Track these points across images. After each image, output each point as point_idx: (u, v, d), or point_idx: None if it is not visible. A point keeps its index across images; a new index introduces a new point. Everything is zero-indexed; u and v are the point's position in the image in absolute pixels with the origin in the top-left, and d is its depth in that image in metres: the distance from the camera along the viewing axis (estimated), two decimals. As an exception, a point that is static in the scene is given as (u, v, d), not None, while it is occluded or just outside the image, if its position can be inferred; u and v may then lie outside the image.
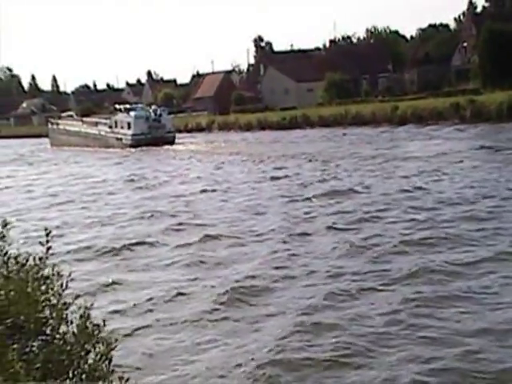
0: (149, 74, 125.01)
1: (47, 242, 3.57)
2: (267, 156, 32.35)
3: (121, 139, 51.09)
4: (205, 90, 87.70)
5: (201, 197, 20.08)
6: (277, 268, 10.81)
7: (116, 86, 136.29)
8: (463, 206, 14.69)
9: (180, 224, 15.40)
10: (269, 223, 14.70)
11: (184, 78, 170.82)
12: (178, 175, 27.21)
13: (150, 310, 9.23)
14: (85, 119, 60.66)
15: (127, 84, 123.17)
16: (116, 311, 9.20)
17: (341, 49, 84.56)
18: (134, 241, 13.80)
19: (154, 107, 53.81)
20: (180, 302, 9.51)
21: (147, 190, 23.20)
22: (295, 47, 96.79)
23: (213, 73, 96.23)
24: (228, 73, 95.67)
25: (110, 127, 52.87)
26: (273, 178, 23.54)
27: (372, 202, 16.36)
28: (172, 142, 49.13)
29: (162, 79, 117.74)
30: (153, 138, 48.88)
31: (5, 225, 3.57)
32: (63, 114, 72.08)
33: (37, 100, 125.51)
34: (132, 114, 50.69)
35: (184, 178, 26.12)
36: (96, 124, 56.46)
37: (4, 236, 3.53)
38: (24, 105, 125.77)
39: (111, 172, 31.48)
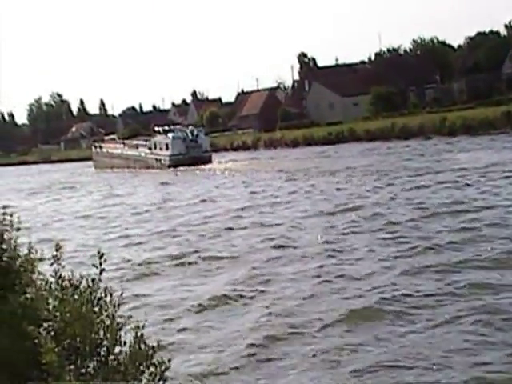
0: (194, 94, 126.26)
1: (100, 264, 3.65)
2: (308, 172, 32.81)
3: (160, 160, 53.06)
4: (250, 108, 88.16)
5: (229, 216, 20.17)
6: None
7: (162, 107, 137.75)
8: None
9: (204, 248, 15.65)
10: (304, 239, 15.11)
11: (229, 97, 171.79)
12: (209, 195, 27.38)
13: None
14: (126, 142, 63.23)
15: (173, 105, 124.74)
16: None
17: (386, 61, 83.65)
18: (172, 257, 14.61)
19: (190, 128, 56.03)
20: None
21: (180, 210, 23.47)
22: (340, 61, 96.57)
23: (258, 90, 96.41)
24: (273, 90, 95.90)
25: (150, 149, 55.07)
26: (307, 192, 23.93)
27: (410, 216, 16.48)
28: (209, 161, 50.78)
29: (207, 98, 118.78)
30: (190, 157, 50.56)
31: (58, 248, 3.67)
32: (106, 138, 74.73)
33: (85, 124, 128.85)
34: (170, 135, 52.63)
35: (214, 197, 26.37)
36: (137, 146, 58.94)
37: (58, 259, 3.62)
38: (73, 129, 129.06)
39: (151, 194, 31.85)
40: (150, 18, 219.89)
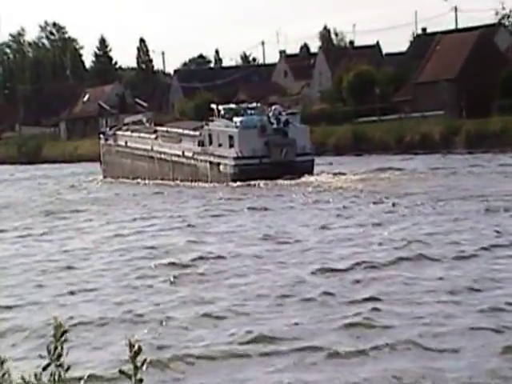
0: (325, 35, 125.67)
1: (136, 370, 4.32)
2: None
3: (218, 166, 57.67)
4: (438, 67, 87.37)
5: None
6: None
7: (260, 60, 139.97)
8: None
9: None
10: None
11: (396, 43, 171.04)
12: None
13: None
14: (160, 129, 68.50)
15: (282, 55, 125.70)
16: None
17: None
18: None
19: (275, 108, 60.19)
20: None
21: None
22: None
23: (456, 31, 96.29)
24: (488, 28, 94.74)
25: (201, 144, 59.56)
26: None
27: None
28: (308, 171, 54.81)
29: (351, 44, 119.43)
30: (273, 164, 54.52)
31: (60, 333, 4.43)
32: (126, 120, 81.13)
33: (110, 88, 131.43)
34: (237, 120, 56.94)
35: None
36: (179, 138, 63.83)
37: (60, 356, 4.34)
38: (85, 97, 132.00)
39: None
40: None
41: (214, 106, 62.64)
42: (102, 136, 77.68)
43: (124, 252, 32.10)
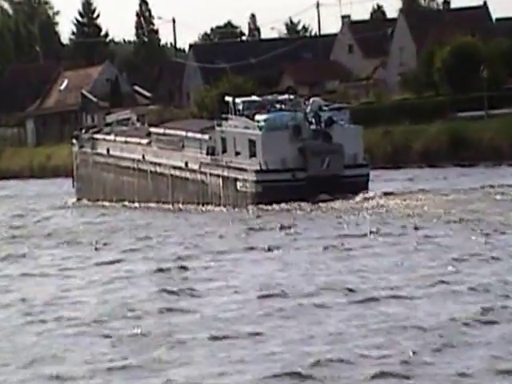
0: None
1: None
2: None
3: (234, 182, 61.66)
4: None
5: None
6: None
7: (313, 29, 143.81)
8: None
9: None
10: None
11: None
12: None
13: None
14: (155, 131, 71.53)
15: (345, 22, 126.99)
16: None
17: None
18: None
19: (313, 100, 63.63)
20: None
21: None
22: None
23: None
24: None
25: (212, 152, 64.08)
26: None
27: None
28: (361, 189, 58.68)
29: (446, 5, 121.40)
30: (312, 179, 58.45)
31: None
32: (108, 118, 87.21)
33: (98, 70, 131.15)
34: (261, 118, 60.25)
35: None
36: (181, 144, 67.94)
37: None
38: (62, 85, 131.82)
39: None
40: None
41: (228, 98, 63.77)
42: (75, 141, 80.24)
43: (84, 317, 32.47)
